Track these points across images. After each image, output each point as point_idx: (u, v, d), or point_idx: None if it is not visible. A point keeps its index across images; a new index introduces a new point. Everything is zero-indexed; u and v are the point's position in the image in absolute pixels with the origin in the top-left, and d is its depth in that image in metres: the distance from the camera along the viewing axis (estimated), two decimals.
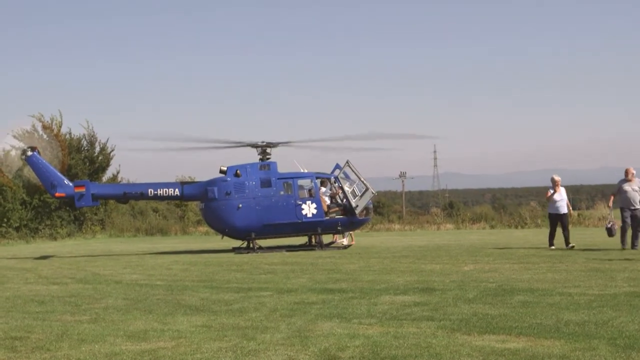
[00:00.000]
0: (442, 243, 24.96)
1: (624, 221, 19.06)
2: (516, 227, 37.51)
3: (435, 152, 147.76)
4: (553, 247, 19.90)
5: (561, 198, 20.11)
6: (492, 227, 38.60)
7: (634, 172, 19.27)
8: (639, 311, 9.48)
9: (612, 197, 20.29)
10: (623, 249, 18.78)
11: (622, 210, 19.19)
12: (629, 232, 19.08)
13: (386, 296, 11.74)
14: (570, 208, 20.93)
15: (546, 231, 31.53)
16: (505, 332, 8.49)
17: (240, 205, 23.30)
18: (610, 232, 19.48)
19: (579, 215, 39.26)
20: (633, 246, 18.89)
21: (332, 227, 23.83)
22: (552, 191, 20.21)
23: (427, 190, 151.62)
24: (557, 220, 20.13)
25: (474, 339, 8.14)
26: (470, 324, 9.04)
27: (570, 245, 19.70)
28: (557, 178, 20.27)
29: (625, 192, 19.07)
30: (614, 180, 21.95)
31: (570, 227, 20.78)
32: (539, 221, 37.71)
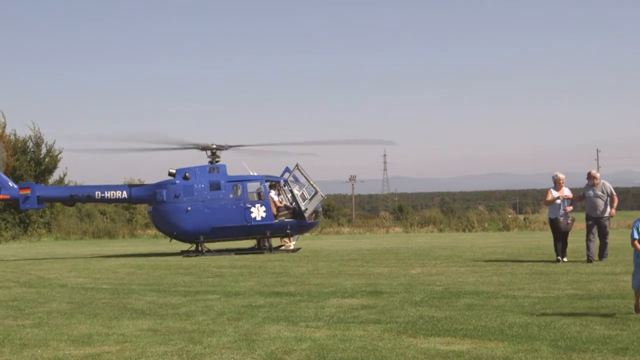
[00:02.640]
0: (390, 246, 25.12)
1: (588, 231, 16.86)
2: (464, 230, 37.96)
3: (385, 155, 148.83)
4: (565, 260, 16.98)
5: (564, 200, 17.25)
6: (440, 230, 39.03)
7: (597, 175, 17.06)
8: (581, 313, 9.67)
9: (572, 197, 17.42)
10: (589, 261, 16.43)
11: (587, 218, 17.02)
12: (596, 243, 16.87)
13: (334, 299, 11.77)
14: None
15: (494, 235, 31.68)
16: (450, 334, 8.59)
17: (189, 208, 23.12)
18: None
19: (525, 219, 40.05)
20: (601, 257, 16.70)
21: (281, 231, 23.79)
22: (553, 192, 17.32)
23: (376, 193, 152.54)
24: (560, 228, 17.16)
25: (420, 342, 8.22)
26: (416, 326, 9.12)
27: (564, 258, 17.08)
28: (560, 176, 17.29)
29: (589, 197, 16.90)
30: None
31: (516, 230, 20.21)
32: (486, 225, 38.28)
